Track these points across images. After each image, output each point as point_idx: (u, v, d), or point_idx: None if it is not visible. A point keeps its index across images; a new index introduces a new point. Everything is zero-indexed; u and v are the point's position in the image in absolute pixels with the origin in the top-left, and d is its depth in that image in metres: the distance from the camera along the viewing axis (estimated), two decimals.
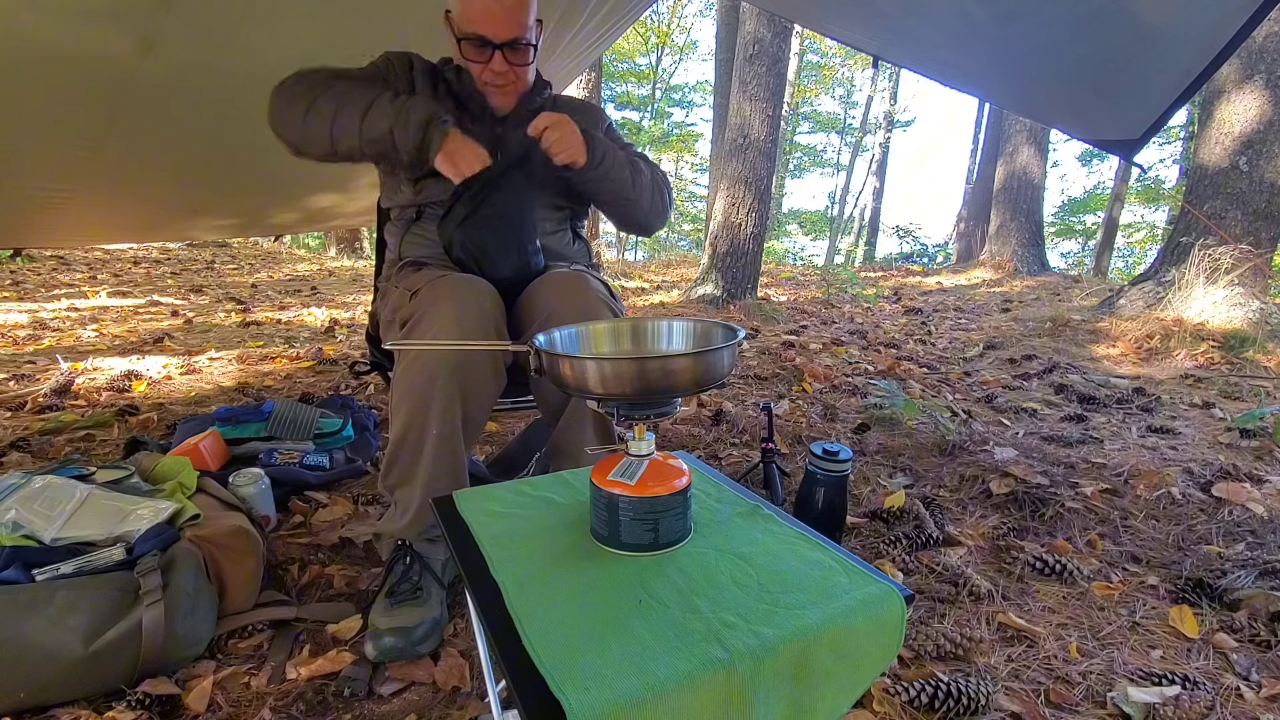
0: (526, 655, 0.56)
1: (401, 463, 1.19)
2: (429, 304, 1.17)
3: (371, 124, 1.20)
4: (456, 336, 1.12)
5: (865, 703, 1.03)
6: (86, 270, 6.14)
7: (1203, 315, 3.69)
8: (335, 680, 1.06)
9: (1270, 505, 1.71)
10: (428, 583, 1.18)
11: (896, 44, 2.06)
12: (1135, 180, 11.50)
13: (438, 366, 1.14)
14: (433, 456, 1.16)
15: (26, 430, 2.10)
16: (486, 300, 1.21)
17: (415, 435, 1.16)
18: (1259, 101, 3.74)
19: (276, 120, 1.27)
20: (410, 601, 1.14)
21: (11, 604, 0.95)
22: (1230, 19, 1.38)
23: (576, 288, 1.28)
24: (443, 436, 1.16)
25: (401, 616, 1.11)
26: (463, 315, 1.15)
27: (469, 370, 1.16)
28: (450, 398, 1.15)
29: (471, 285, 1.22)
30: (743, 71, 4.88)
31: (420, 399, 1.15)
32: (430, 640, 1.12)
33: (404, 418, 1.17)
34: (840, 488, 1.47)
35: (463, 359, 1.15)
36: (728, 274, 4.97)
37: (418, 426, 1.16)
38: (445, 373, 1.14)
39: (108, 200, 2.34)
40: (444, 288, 1.20)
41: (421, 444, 1.16)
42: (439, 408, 1.14)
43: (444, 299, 1.17)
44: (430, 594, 1.17)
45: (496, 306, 1.24)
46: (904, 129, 19.86)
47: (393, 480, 1.22)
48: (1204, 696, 1.06)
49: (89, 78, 1.62)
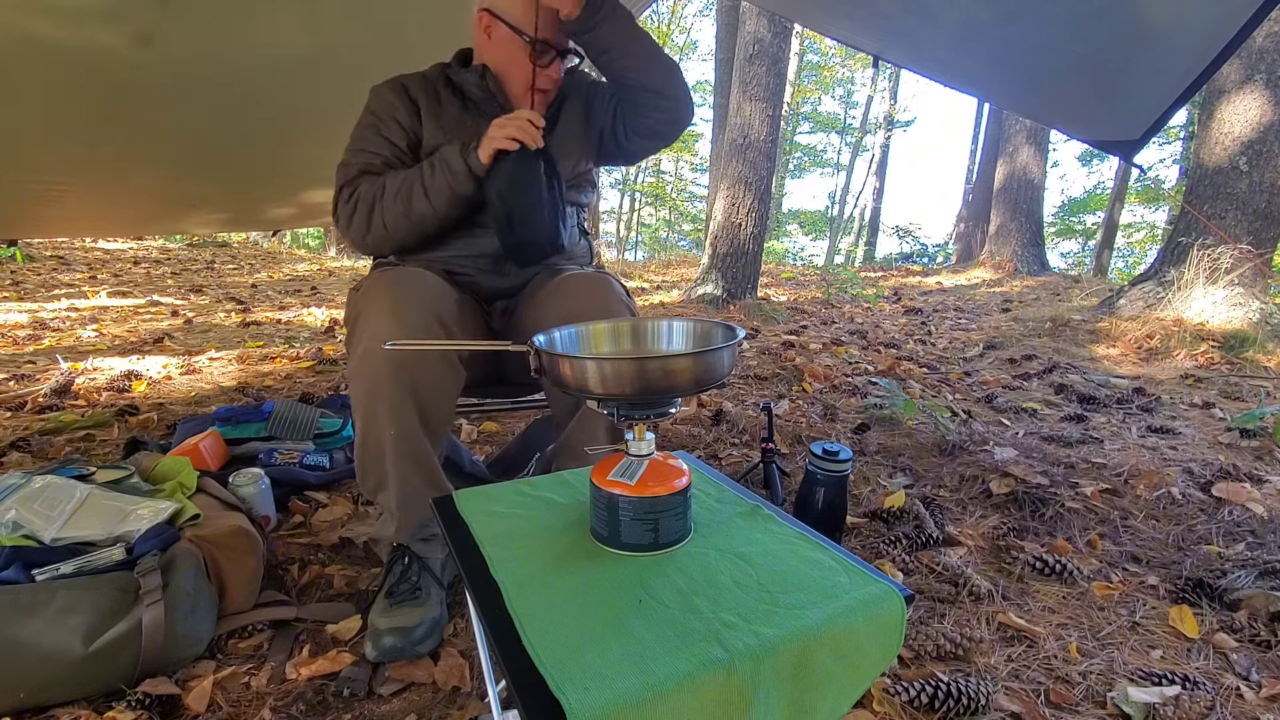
0: (526, 655, 0.56)
1: (369, 469, 1.17)
2: (366, 301, 1.15)
3: (437, 197, 1.24)
4: (394, 331, 1.08)
5: (865, 703, 1.03)
6: (86, 270, 6.14)
7: (1203, 315, 3.69)
8: (335, 680, 1.06)
9: (1270, 505, 1.71)
10: (426, 583, 1.18)
11: (896, 44, 2.06)
12: (1135, 180, 11.49)
13: (380, 367, 1.10)
14: (395, 459, 1.14)
15: (26, 430, 2.10)
16: (428, 292, 1.17)
17: (374, 439, 1.14)
18: (1259, 102, 3.74)
19: (368, 248, 1.32)
20: (409, 602, 1.14)
21: (11, 604, 0.95)
22: (1230, 19, 1.38)
23: (600, 289, 1.27)
24: (401, 437, 1.13)
25: (401, 617, 1.11)
26: (400, 307, 1.11)
27: (417, 367, 1.12)
28: (400, 397, 1.11)
29: (410, 276, 1.19)
30: (743, 71, 4.88)
31: (369, 402, 1.12)
32: (430, 640, 1.12)
33: (360, 422, 1.15)
34: (840, 488, 1.47)
35: (407, 356, 1.10)
36: (728, 274, 4.97)
37: (374, 430, 1.13)
38: (390, 372, 1.10)
39: (104, 193, 2.34)
40: (382, 282, 1.17)
41: (382, 448, 1.14)
42: (389, 409, 1.11)
43: (381, 293, 1.14)
44: (429, 594, 1.17)
45: (442, 297, 1.19)
46: (904, 129, 19.87)
47: (369, 487, 1.21)
48: (1204, 696, 1.06)
49: (87, 72, 1.62)
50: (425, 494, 1.17)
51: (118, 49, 1.57)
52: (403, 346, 0.91)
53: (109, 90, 1.71)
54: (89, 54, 1.55)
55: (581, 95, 1.45)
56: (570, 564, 0.70)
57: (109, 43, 1.54)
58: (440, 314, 1.15)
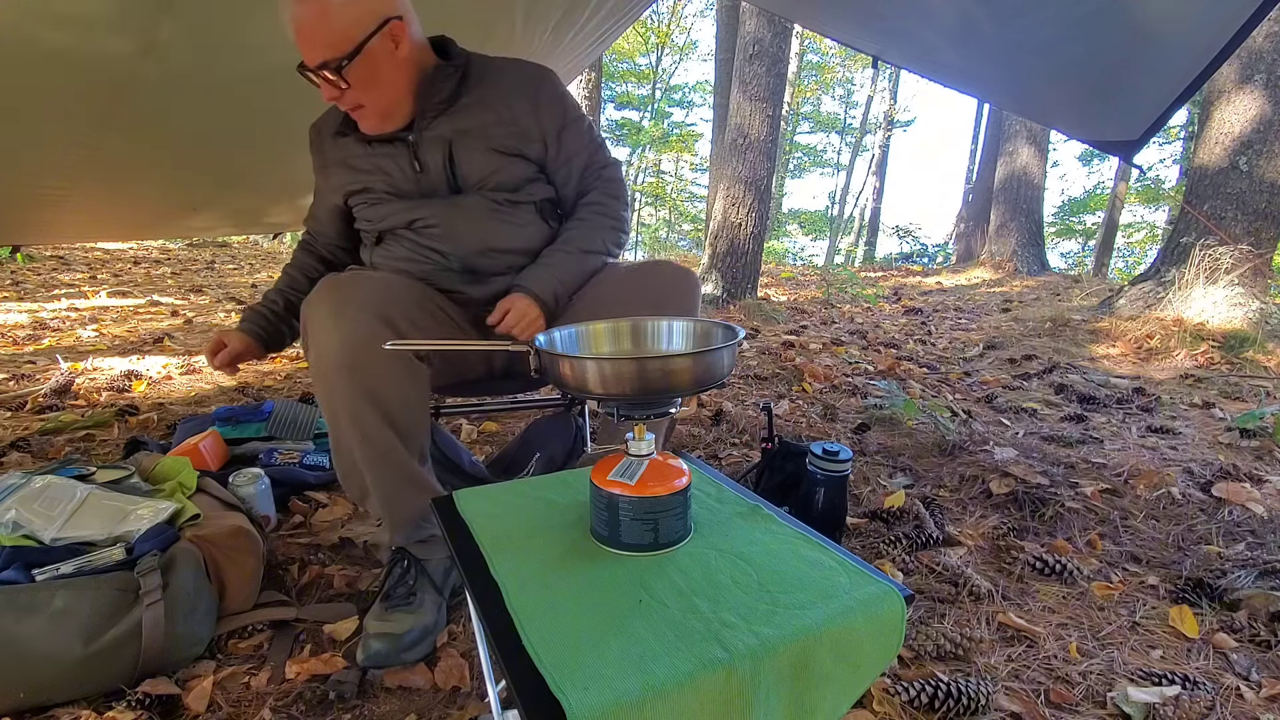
0: (526, 655, 0.56)
1: (349, 476, 1.17)
2: (309, 308, 1.11)
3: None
4: (332, 336, 1.05)
5: (865, 703, 1.03)
6: (86, 270, 6.14)
7: (1203, 315, 3.69)
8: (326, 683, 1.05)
9: (1270, 505, 1.71)
10: (423, 588, 1.16)
11: (896, 45, 2.06)
12: (1135, 180, 11.50)
13: (330, 374, 1.07)
14: (368, 463, 1.12)
15: (26, 430, 2.10)
16: (372, 291, 1.12)
17: (344, 447, 1.13)
18: (1259, 102, 3.74)
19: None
20: (403, 607, 1.12)
21: (11, 604, 0.95)
22: (1230, 19, 1.38)
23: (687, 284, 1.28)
24: (367, 441, 1.10)
25: (392, 622, 1.10)
26: (338, 310, 1.07)
27: (368, 370, 1.07)
28: (357, 403, 1.08)
29: (354, 278, 1.14)
30: (743, 71, 4.88)
31: (330, 410, 1.11)
32: (419, 648, 1.10)
33: (330, 431, 1.14)
34: (840, 488, 1.47)
35: (356, 359, 1.06)
36: (728, 274, 4.97)
37: (342, 438, 1.12)
38: (342, 378, 1.07)
39: (105, 197, 2.34)
40: (323, 286, 1.12)
41: (353, 455, 1.12)
42: (349, 415, 1.09)
43: (321, 298, 1.10)
44: (424, 601, 1.15)
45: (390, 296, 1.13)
46: (904, 129, 19.87)
47: (355, 495, 1.19)
48: (1204, 696, 1.06)
49: (89, 77, 1.62)
50: (408, 493, 1.15)
51: (120, 55, 1.57)
52: (402, 347, 0.91)
53: (110, 95, 1.71)
54: (91, 60, 1.56)
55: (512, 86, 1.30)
56: (570, 564, 0.70)
57: (112, 49, 1.54)
58: (386, 313, 1.09)
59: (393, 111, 1.24)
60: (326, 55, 1.12)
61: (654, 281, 1.28)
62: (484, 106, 1.27)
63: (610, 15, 2.41)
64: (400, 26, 1.17)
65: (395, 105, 1.23)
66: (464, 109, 1.27)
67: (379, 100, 1.21)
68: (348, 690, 1.03)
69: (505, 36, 2.20)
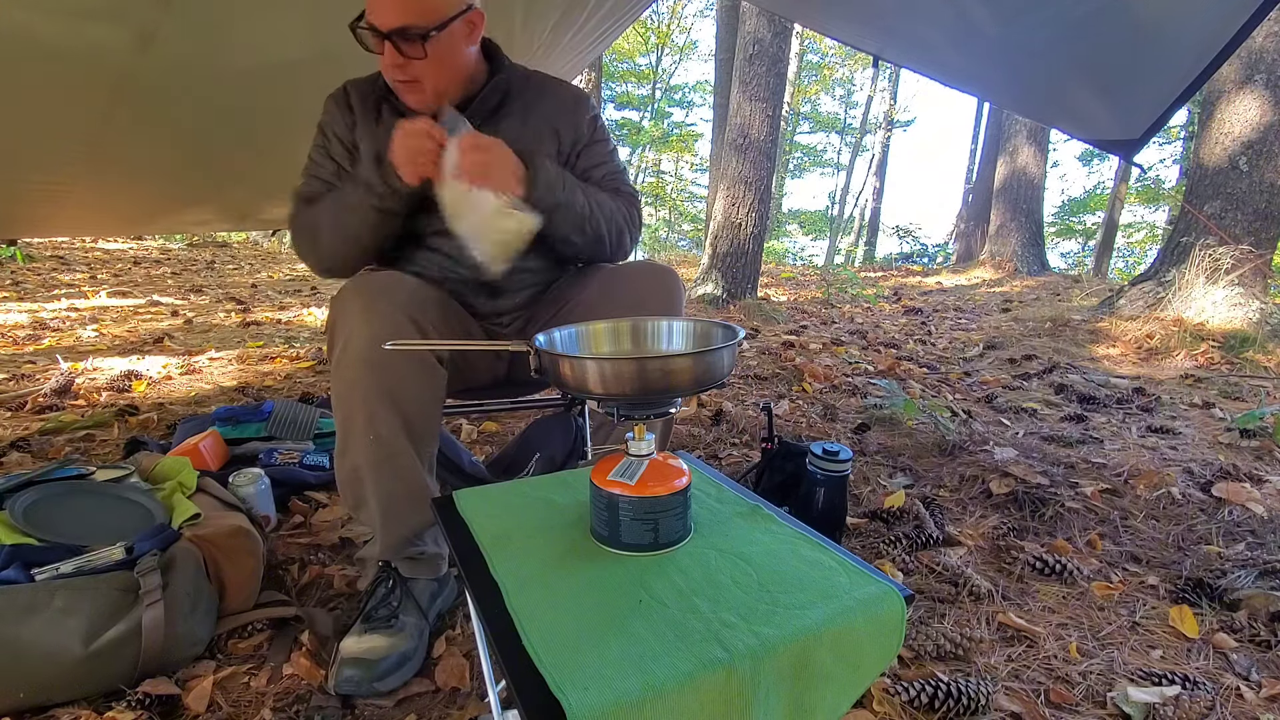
0: (526, 655, 0.56)
1: (349, 482, 1.12)
2: (338, 305, 1.10)
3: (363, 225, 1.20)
4: (363, 331, 1.04)
5: (865, 703, 1.03)
6: (86, 270, 6.14)
7: (1203, 315, 3.69)
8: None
9: (1270, 505, 1.71)
10: (407, 610, 1.12)
11: (896, 44, 2.06)
12: (1135, 180, 11.50)
13: (354, 369, 1.05)
14: (374, 466, 1.08)
15: (26, 430, 2.10)
16: (400, 291, 1.12)
17: (353, 449, 1.09)
18: (1259, 102, 3.74)
19: (331, 275, 1.30)
20: (383, 629, 1.08)
21: (11, 604, 0.95)
22: (1230, 19, 1.38)
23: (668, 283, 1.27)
24: (380, 443, 1.07)
25: (370, 645, 1.05)
26: (369, 307, 1.06)
27: (393, 369, 1.06)
28: (377, 401, 1.06)
29: (383, 278, 1.15)
30: (743, 71, 4.88)
31: (345, 408, 1.07)
32: (395, 676, 1.05)
33: (339, 432, 1.09)
34: (840, 488, 1.47)
35: (383, 357, 1.03)
36: (728, 274, 4.97)
37: (353, 439, 1.08)
38: (365, 374, 1.05)
39: (103, 192, 2.34)
40: (353, 284, 1.12)
41: (361, 457, 1.08)
42: (366, 414, 1.06)
43: (351, 295, 1.09)
44: (405, 624, 1.10)
45: (417, 297, 1.13)
46: (904, 129, 19.88)
47: (351, 504, 1.15)
48: (1204, 696, 1.06)
49: (87, 72, 1.62)
50: (408, 507, 1.12)
51: (118, 48, 1.57)
52: (403, 347, 0.90)
53: (109, 89, 1.71)
54: (90, 53, 1.55)
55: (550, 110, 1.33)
56: (570, 564, 0.70)
57: (110, 42, 1.54)
58: (412, 314, 1.09)
59: (445, 94, 1.24)
60: (412, 20, 1.11)
61: (634, 282, 1.28)
62: (523, 124, 1.30)
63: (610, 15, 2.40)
64: (480, 16, 1.22)
65: (450, 89, 1.24)
66: (505, 121, 1.29)
67: (440, 79, 1.21)
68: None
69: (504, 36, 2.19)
